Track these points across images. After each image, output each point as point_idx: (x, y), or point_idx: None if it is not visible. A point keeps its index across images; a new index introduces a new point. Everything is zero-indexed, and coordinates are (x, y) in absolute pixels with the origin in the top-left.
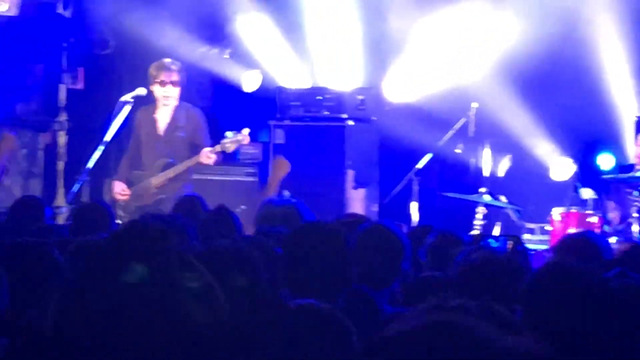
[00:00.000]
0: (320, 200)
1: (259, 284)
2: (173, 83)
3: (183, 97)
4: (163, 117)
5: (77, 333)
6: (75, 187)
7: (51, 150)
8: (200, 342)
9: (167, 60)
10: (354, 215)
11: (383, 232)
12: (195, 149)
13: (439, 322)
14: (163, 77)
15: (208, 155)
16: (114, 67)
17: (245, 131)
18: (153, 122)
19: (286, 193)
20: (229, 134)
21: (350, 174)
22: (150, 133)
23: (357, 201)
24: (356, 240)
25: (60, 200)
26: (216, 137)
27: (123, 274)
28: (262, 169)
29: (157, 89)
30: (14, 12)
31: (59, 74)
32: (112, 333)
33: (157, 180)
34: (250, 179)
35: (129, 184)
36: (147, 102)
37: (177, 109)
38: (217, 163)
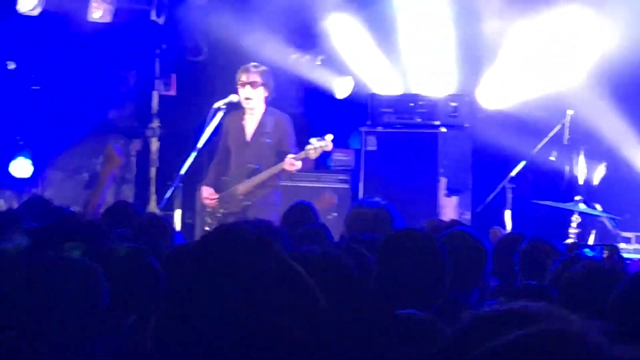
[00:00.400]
0: (412, 208)
1: (353, 292)
2: (252, 84)
3: (274, 104)
4: (250, 123)
5: (180, 340)
6: (168, 194)
7: (143, 156)
8: (301, 352)
9: (252, 63)
10: (440, 220)
11: (465, 236)
12: (282, 156)
13: (549, 330)
14: (243, 78)
15: (291, 163)
16: (207, 73)
17: (329, 137)
18: (240, 128)
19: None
20: (313, 140)
21: (442, 182)
22: (237, 139)
23: (450, 209)
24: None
25: (153, 206)
26: (309, 142)
27: (221, 281)
28: (354, 176)
29: (239, 92)
30: (107, 19)
31: (151, 81)
32: (213, 341)
33: (243, 186)
34: (342, 186)
35: (217, 189)
36: (239, 109)
37: (264, 115)
38: (303, 170)
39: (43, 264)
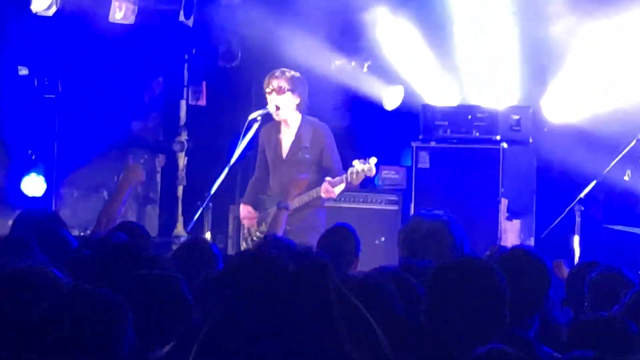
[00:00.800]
0: (469, 232)
1: (396, 326)
2: (278, 90)
3: (318, 114)
4: (287, 136)
5: None
6: (197, 215)
7: (170, 173)
8: None
9: (279, 69)
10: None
11: (524, 257)
12: (324, 172)
13: None
14: (269, 85)
15: (327, 189)
16: (241, 81)
17: (372, 161)
18: (277, 142)
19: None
20: (356, 163)
21: (503, 203)
22: (274, 154)
23: (511, 233)
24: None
25: (180, 229)
26: (354, 158)
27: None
28: (405, 196)
29: (268, 102)
30: (131, 21)
31: (179, 89)
32: None
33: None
34: (391, 207)
35: (256, 208)
36: (276, 121)
37: (301, 127)
38: (348, 189)
39: (63, 296)
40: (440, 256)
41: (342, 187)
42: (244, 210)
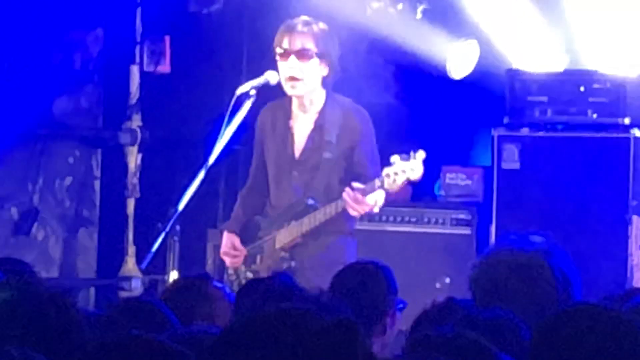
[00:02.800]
0: (586, 260)
1: None
2: (301, 54)
3: (341, 90)
4: (302, 124)
5: None
6: (156, 244)
7: (114, 178)
8: None
9: (301, 18)
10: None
11: None
12: (354, 179)
13: None
14: (284, 43)
15: (356, 200)
16: (225, 36)
17: (420, 156)
18: (284, 132)
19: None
20: (395, 160)
21: (636, 224)
22: (280, 151)
23: None
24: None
25: (131, 266)
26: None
27: None
28: (482, 213)
29: (280, 68)
30: None
31: (129, 48)
32: None
33: (284, 235)
34: (461, 230)
35: (247, 236)
36: (281, 99)
37: (325, 111)
38: (392, 203)
39: None
40: (533, 303)
41: (380, 197)
42: (227, 242)
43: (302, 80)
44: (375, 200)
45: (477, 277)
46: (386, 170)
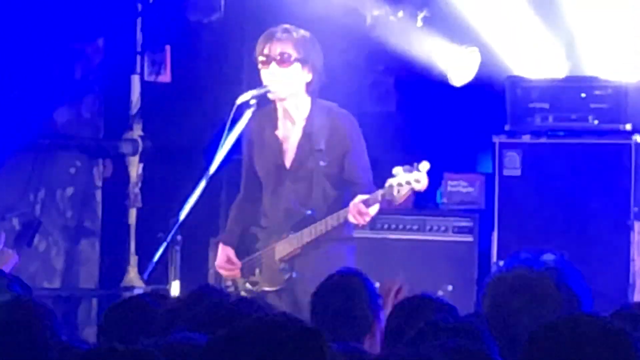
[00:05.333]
0: (588, 267)
1: None
2: (282, 60)
3: (336, 98)
4: (289, 132)
5: None
6: (158, 254)
7: (116, 188)
8: None
9: (281, 26)
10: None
11: None
12: (347, 188)
13: None
14: (266, 51)
15: (360, 211)
16: (225, 45)
17: (424, 167)
18: (272, 142)
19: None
20: (397, 171)
21: (638, 230)
22: (271, 161)
23: None
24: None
25: (133, 276)
26: (398, 163)
27: None
28: (483, 220)
29: (262, 76)
30: None
31: (129, 58)
32: None
33: (283, 247)
34: (462, 237)
35: (243, 248)
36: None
37: (312, 118)
38: (393, 211)
39: None
40: (541, 317)
41: (376, 208)
42: (222, 255)
43: (284, 87)
44: (375, 210)
45: (486, 294)
46: (390, 182)
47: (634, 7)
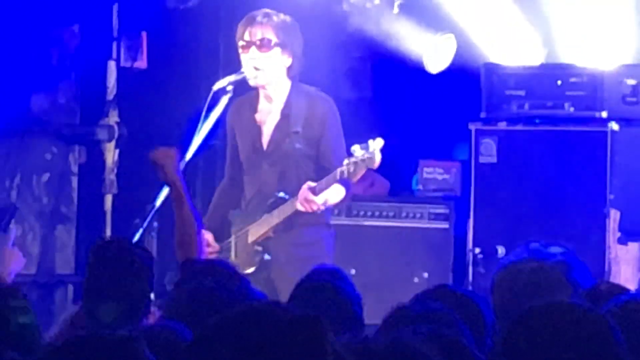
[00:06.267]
0: None
1: None
2: (262, 45)
3: (319, 81)
4: (268, 115)
5: None
6: (134, 240)
7: (91, 175)
8: None
9: (261, 10)
10: (615, 286)
11: None
12: (321, 173)
13: None
14: (246, 36)
15: (306, 199)
16: (201, 31)
17: (376, 144)
18: (251, 125)
19: (500, 249)
20: (355, 149)
21: (613, 217)
22: (249, 144)
23: (626, 263)
24: None
25: None
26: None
27: None
28: (459, 207)
29: (243, 60)
30: None
31: (105, 44)
32: None
33: (256, 229)
34: (438, 224)
35: (222, 232)
36: (250, 92)
37: (291, 101)
38: (370, 198)
39: None
40: None
41: (339, 191)
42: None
43: (263, 70)
44: (326, 199)
45: (496, 285)
46: (346, 160)
47: None
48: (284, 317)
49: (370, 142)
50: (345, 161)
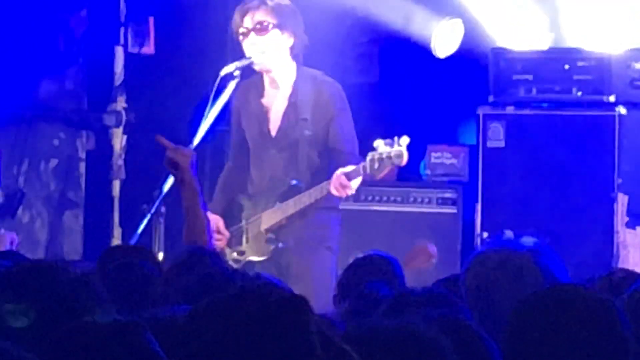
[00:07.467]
0: (572, 239)
1: None
2: (259, 29)
3: (323, 67)
4: (274, 100)
5: None
6: (142, 225)
7: (99, 161)
8: None
9: None
10: (627, 272)
11: None
12: (331, 158)
13: None
14: (242, 23)
15: (342, 184)
16: (210, 16)
17: (404, 141)
18: (258, 111)
19: (508, 233)
20: (379, 144)
21: (621, 201)
22: (257, 130)
23: (634, 247)
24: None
25: None
26: (380, 136)
27: None
28: (467, 192)
29: (244, 47)
30: None
31: (113, 30)
32: None
33: (269, 217)
34: (446, 209)
35: (231, 217)
36: (257, 78)
37: (297, 86)
38: (378, 182)
39: None
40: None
41: (359, 181)
42: (212, 224)
43: (266, 53)
44: (358, 183)
45: (466, 277)
46: (370, 155)
47: None
48: (271, 297)
49: (396, 138)
50: (369, 156)
